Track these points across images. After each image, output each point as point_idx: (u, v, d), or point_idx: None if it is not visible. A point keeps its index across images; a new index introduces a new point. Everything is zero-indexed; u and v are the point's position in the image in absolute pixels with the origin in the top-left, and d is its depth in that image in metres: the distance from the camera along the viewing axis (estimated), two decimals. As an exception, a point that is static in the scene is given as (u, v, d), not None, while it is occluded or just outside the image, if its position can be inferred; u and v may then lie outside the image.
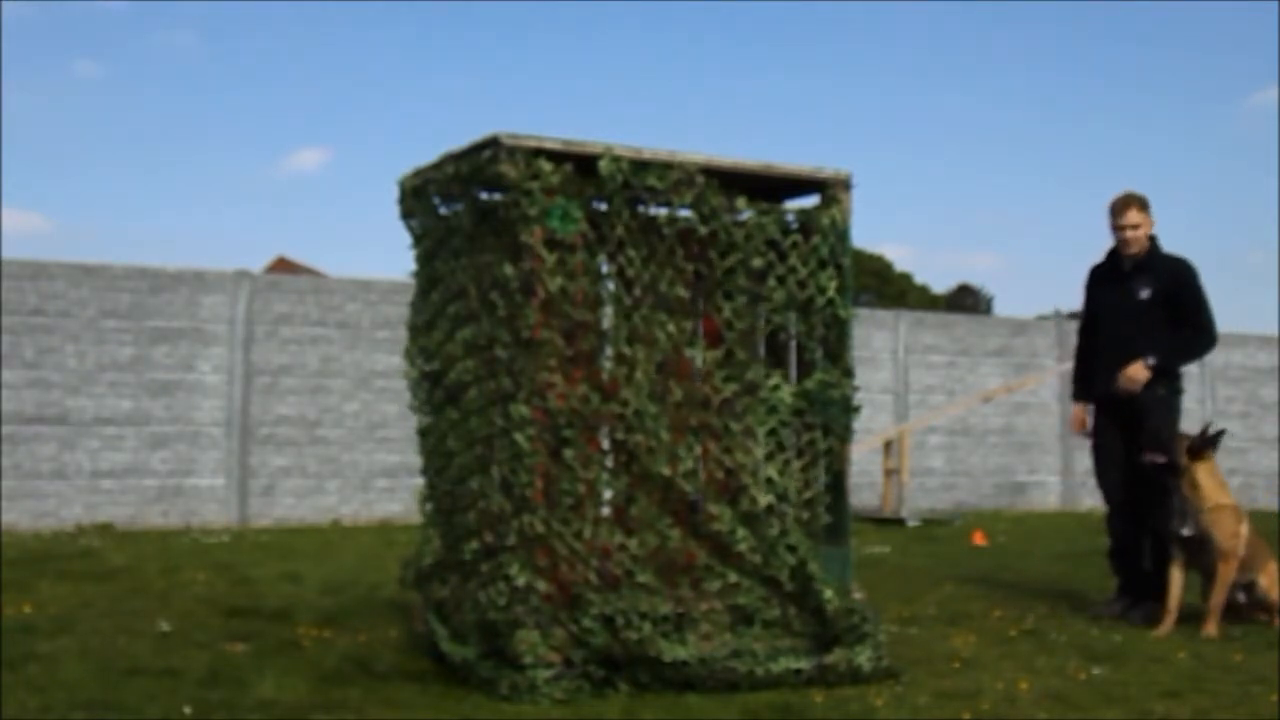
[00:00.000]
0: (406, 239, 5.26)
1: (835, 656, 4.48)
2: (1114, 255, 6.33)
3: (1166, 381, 6.22)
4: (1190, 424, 6.70)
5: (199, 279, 11.26)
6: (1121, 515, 6.32)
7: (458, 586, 4.73)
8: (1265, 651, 5.26)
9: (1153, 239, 6.22)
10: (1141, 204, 6.15)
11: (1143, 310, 6.18)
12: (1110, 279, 6.34)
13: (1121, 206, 6.15)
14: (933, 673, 4.67)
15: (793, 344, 4.96)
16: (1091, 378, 6.45)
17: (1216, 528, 5.77)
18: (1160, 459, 5.90)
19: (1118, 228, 6.18)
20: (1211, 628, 5.64)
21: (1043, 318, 18.81)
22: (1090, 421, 6.47)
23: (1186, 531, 5.82)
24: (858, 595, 4.76)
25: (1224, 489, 5.93)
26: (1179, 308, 6.20)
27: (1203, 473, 5.82)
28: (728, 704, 4.14)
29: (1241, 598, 5.94)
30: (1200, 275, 6.25)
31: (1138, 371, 6.11)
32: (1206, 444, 5.88)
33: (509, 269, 4.41)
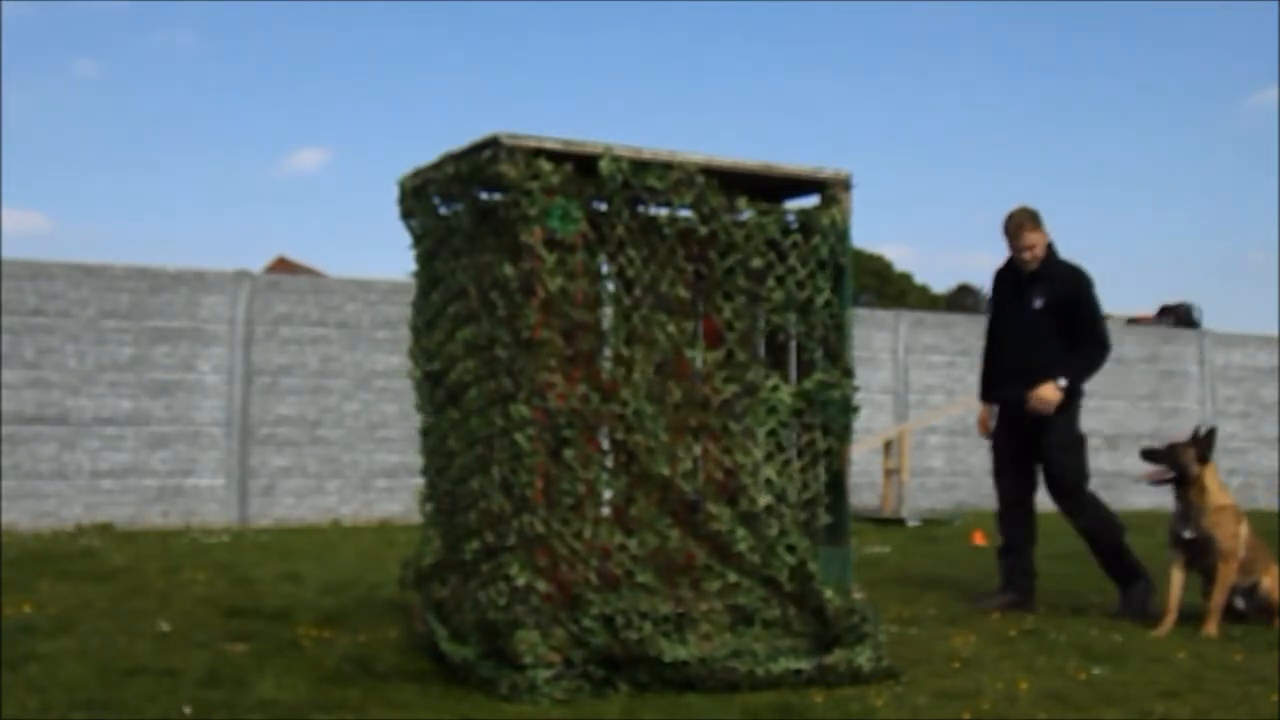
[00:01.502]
0: (406, 239, 5.26)
1: (835, 657, 4.48)
2: (1014, 262, 6.44)
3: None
4: (1187, 425, 6.72)
5: (199, 279, 11.26)
6: (1011, 515, 6.56)
7: (458, 586, 4.73)
8: (1265, 651, 5.26)
9: (1050, 247, 6.33)
10: (1035, 222, 6.26)
11: (1037, 319, 6.30)
12: (1011, 287, 6.46)
13: (1016, 230, 6.26)
14: (933, 673, 4.67)
15: (792, 344, 4.96)
16: (994, 381, 6.62)
17: (1218, 529, 5.78)
18: (1168, 475, 5.90)
19: (1015, 249, 6.31)
20: (1212, 628, 5.64)
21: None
22: (993, 423, 6.67)
23: (1188, 534, 5.83)
24: (858, 595, 4.76)
25: (1225, 490, 5.95)
26: (1073, 316, 6.30)
27: (1209, 475, 5.84)
28: (728, 704, 4.14)
29: (1242, 604, 5.93)
30: (1094, 284, 6.35)
31: (1049, 392, 6.21)
32: (1210, 445, 5.89)
33: (509, 269, 4.41)
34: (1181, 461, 5.85)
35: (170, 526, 10.70)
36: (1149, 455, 6.04)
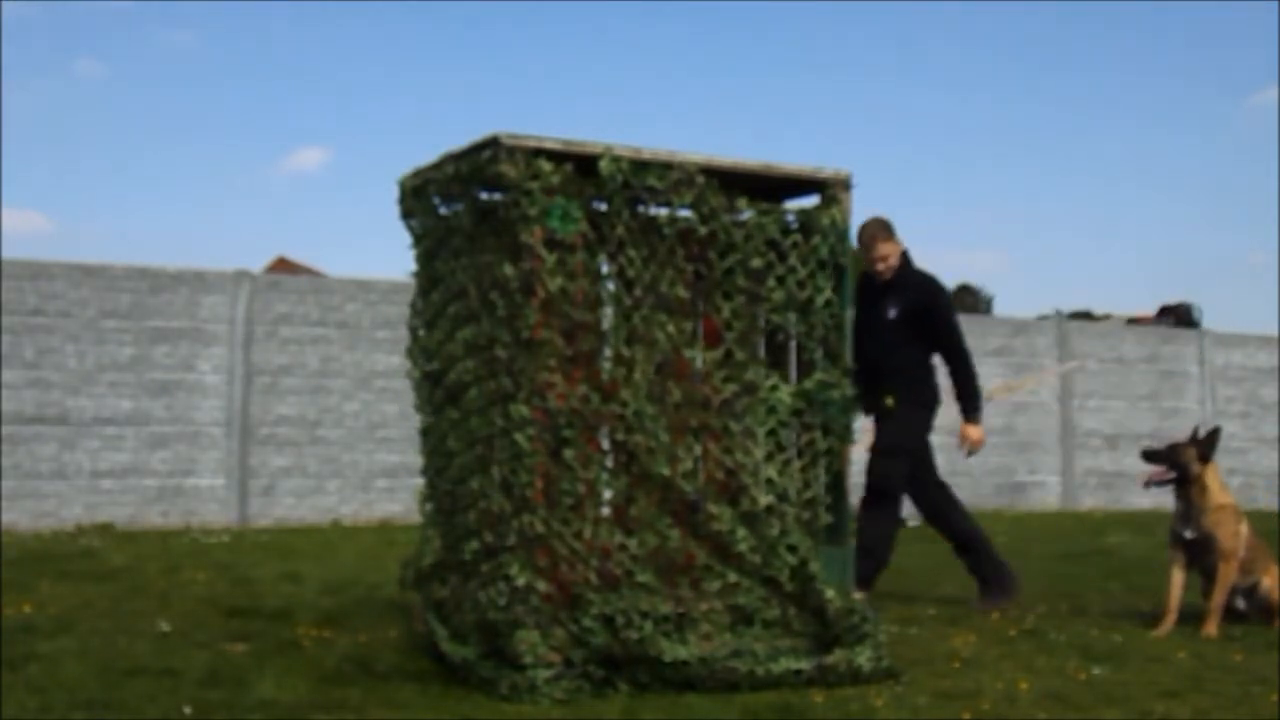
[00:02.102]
0: (406, 239, 5.26)
1: (835, 656, 4.48)
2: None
3: (908, 394, 6.34)
4: (1187, 425, 6.71)
5: (199, 279, 11.26)
6: (941, 519, 6.57)
7: (458, 586, 4.73)
8: (1265, 651, 5.26)
9: (904, 256, 6.30)
10: (888, 232, 6.23)
11: (890, 329, 6.26)
12: (869, 297, 6.32)
13: (869, 241, 6.20)
14: (933, 673, 4.67)
15: (792, 344, 4.96)
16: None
17: (1219, 528, 5.78)
18: (1169, 475, 5.88)
19: (869, 260, 6.26)
20: (1212, 628, 5.64)
21: (1043, 318, 18.82)
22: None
23: (1189, 534, 5.83)
24: (858, 595, 4.76)
25: (1226, 489, 5.96)
26: (927, 326, 6.30)
27: (1210, 475, 5.84)
28: (728, 704, 4.14)
29: (1242, 604, 5.93)
30: (947, 293, 6.39)
31: (976, 433, 6.54)
32: (1213, 445, 5.89)
33: (509, 269, 4.41)
34: (1182, 461, 5.85)
35: (170, 526, 10.70)
36: (1150, 456, 6.03)
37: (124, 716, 3.86)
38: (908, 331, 6.27)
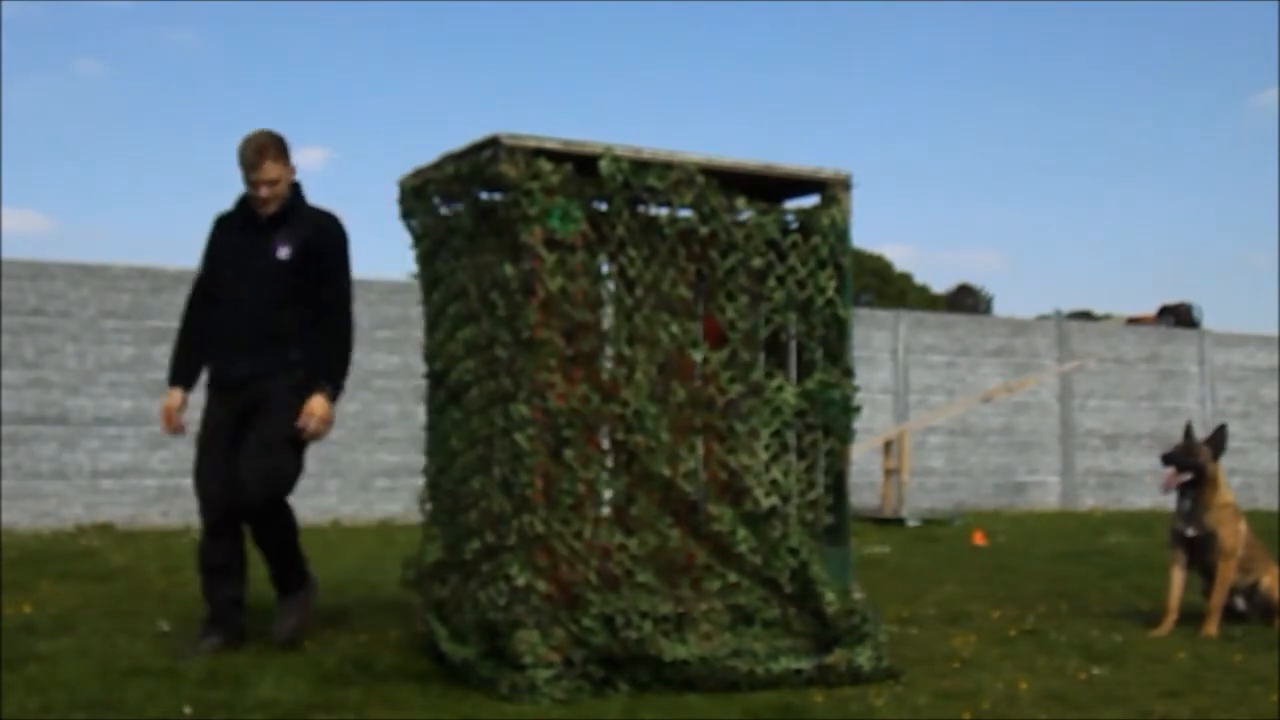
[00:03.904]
0: (406, 239, 5.26)
1: (835, 656, 4.48)
2: (247, 205, 5.04)
3: (297, 370, 5.07)
4: (1181, 424, 6.65)
5: (199, 279, 11.25)
6: (219, 531, 4.97)
7: (458, 586, 4.74)
8: (1265, 651, 5.26)
9: (296, 187, 5.04)
10: (279, 151, 4.92)
11: (280, 273, 4.93)
12: (242, 234, 5.03)
13: (255, 159, 4.85)
14: (933, 673, 4.67)
15: (792, 344, 4.96)
16: (200, 358, 5.14)
17: (1222, 526, 5.78)
18: (1186, 476, 5.86)
19: (252, 184, 4.91)
20: (1211, 628, 5.64)
21: (1043, 318, 18.82)
22: (181, 415, 5.17)
23: (1191, 531, 5.83)
24: (858, 595, 4.76)
25: (1229, 487, 5.98)
26: (318, 274, 4.98)
27: (1220, 472, 5.86)
28: (728, 704, 4.14)
29: (1242, 604, 5.93)
30: (348, 239, 5.11)
31: (322, 410, 5.15)
32: (1222, 443, 5.90)
33: (509, 269, 4.41)
34: (1199, 461, 5.85)
35: (170, 526, 10.69)
36: (1169, 459, 5.97)
37: (124, 716, 3.86)
38: (300, 279, 4.93)
